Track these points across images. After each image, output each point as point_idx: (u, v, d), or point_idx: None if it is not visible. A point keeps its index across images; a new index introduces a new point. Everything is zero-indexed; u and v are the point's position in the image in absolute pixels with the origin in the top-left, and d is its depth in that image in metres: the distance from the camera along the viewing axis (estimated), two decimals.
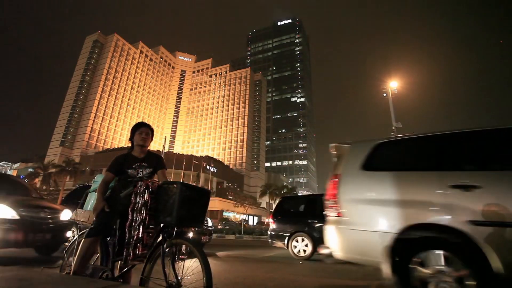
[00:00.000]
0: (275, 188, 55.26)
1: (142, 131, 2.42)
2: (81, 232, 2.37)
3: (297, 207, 7.29)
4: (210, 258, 5.91)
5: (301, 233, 6.28)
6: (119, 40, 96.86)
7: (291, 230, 6.46)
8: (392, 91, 16.24)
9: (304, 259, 6.00)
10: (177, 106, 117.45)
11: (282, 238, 6.53)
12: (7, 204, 3.91)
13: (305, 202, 7.30)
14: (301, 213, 6.96)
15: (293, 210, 7.32)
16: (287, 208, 7.40)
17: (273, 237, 6.82)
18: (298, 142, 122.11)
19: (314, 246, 6.01)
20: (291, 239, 6.34)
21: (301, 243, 6.21)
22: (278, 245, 6.68)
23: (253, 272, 4.45)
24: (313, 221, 6.33)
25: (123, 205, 2.15)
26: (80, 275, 2.10)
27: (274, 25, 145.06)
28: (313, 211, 6.68)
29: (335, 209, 2.53)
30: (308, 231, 6.22)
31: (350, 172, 2.62)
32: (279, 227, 6.82)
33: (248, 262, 5.87)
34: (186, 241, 1.92)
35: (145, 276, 1.95)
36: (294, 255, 6.20)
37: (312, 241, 6.07)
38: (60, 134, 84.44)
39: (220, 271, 4.50)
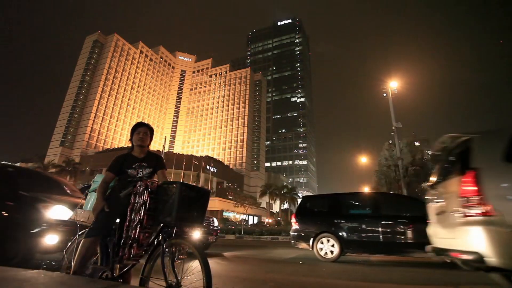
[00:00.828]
0: (275, 188, 55.24)
1: (140, 131, 2.43)
2: (80, 232, 2.37)
3: (322, 206, 7.05)
4: (218, 259, 5.70)
5: (327, 233, 5.99)
6: (119, 40, 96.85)
7: (316, 230, 6.19)
8: (392, 91, 16.25)
9: (331, 261, 5.73)
10: (177, 106, 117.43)
11: (307, 239, 6.26)
12: (65, 204, 3.89)
13: (330, 201, 6.99)
14: (326, 213, 6.69)
15: (317, 210, 7.07)
16: (311, 207, 7.16)
17: (296, 238, 6.55)
18: (298, 142, 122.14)
19: (341, 247, 5.73)
20: (316, 240, 6.07)
21: (327, 244, 5.93)
22: (302, 246, 6.43)
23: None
24: (339, 221, 6.08)
25: (123, 205, 2.15)
26: (80, 275, 2.10)
27: (274, 25, 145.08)
28: (339, 211, 6.44)
29: (480, 207, 2.24)
30: (334, 232, 5.93)
31: (493, 165, 2.34)
32: (302, 228, 6.54)
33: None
34: (185, 241, 1.93)
35: (145, 276, 1.95)
36: (320, 257, 5.91)
37: (339, 242, 5.77)
38: (60, 134, 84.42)
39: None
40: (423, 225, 5.14)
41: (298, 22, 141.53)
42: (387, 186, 19.76)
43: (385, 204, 6.26)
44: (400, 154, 16.24)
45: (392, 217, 5.69)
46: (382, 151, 21.15)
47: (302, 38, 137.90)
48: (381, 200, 6.45)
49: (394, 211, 5.99)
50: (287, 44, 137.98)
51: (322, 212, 6.84)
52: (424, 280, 4.07)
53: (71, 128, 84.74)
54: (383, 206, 6.12)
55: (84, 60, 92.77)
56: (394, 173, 19.31)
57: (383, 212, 5.94)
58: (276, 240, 16.19)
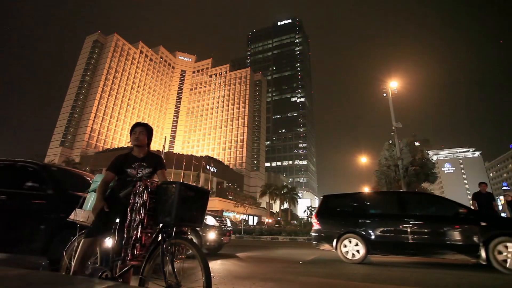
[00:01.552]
0: (275, 188, 55.24)
1: (136, 131, 2.44)
2: (80, 232, 2.37)
3: (345, 205, 6.75)
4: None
5: (352, 234, 5.72)
6: (119, 40, 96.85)
7: (339, 231, 5.92)
8: (392, 91, 16.24)
9: (356, 262, 5.49)
10: (177, 106, 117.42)
11: (329, 239, 6.00)
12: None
13: (353, 200, 6.73)
14: (349, 212, 6.41)
15: (340, 209, 6.75)
16: (333, 206, 6.83)
17: (318, 238, 6.28)
18: (298, 142, 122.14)
19: (367, 248, 5.48)
20: (340, 240, 5.81)
21: (352, 245, 5.68)
22: (325, 247, 6.19)
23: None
24: (365, 221, 5.82)
25: (123, 205, 2.15)
26: (80, 275, 2.10)
27: (274, 25, 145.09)
28: (363, 210, 6.21)
29: None
30: (359, 232, 5.66)
31: None
32: (325, 228, 6.27)
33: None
34: (185, 241, 1.93)
35: (145, 276, 1.95)
36: (345, 258, 5.66)
37: (364, 243, 5.52)
38: (60, 134, 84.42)
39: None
40: (457, 226, 5.02)
41: (298, 22, 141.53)
42: (387, 186, 19.72)
43: (414, 203, 6.03)
44: (400, 154, 16.22)
45: (424, 217, 5.46)
46: (382, 151, 21.11)
47: (302, 38, 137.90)
48: (409, 199, 6.19)
49: (424, 211, 5.77)
50: (287, 44, 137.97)
51: (346, 212, 6.56)
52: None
53: (71, 128, 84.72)
54: (411, 205, 5.90)
55: (84, 60, 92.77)
56: (394, 173, 19.27)
57: (412, 211, 5.70)
58: (276, 240, 16.17)
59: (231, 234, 7.83)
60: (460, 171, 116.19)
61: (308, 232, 16.11)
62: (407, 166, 17.96)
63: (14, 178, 3.71)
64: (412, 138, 23.22)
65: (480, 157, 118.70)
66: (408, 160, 18.51)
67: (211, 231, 6.18)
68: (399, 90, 16.35)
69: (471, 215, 5.20)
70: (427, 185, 20.34)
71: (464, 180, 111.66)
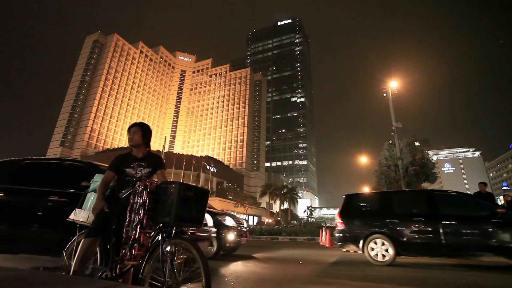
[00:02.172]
0: (275, 188, 55.26)
1: (131, 131, 2.47)
2: (80, 232, 2.37)
3: (370, 205, 6.52)
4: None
5: (379, 234, 5.49)
6: (119, 40, 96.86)
7: (366, 231, 5.70)
8: (392, 91, 16.24)
9: (385, 264, 5.25)
10: (177, 106, 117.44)
11: (355, 240, 5.78)
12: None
13: (380, 199, 6.47)
14: (376, 212, 6.13)
15: (365, 209, 6.50)
16: (358, 206, 6.57)
17: (342, 239, 6.05)
18: (298, 142, 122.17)
19: (396, 249, 5.25)
20: (367, 241, 5.58)
21: (380, 246, 5.44)
22: (350, 248, 5.98)
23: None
24: (393, 220, 5.58)
25: (123, 205, 2.15)
26: (80, 275, 2.10)
27: (274, 25, 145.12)
28: (391, 210, 5.90)
29: None
30: (387, 233, 5.43)
31: None
32: (349, 228, 6.04)
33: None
34: (185, 241, 1.93)
35: (145, 276, 1.95)
36: (372, 260, 5.44)
37: (393, 244, 5.28)
38: (60, 134, 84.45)
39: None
40: (496, 226, 4.82)
41: (298, 22, 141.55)
42: (387, 186, 19.72)
43: (445, 202, 5.78)
44: (400, 154, 16.23)
45: (458, 217, 5.23)
46: (382, 151, 21.10)
47: (302, 38, 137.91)
48: (440, 198, 5.89)
49: (457, 210, 5.52)
50: (287, 44, 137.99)
51: (372, 211, 6.28)
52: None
53: (71, 128, 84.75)
54: (443, 204, 5.66)
55: (84, 60, 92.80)
56: (394, 173, 19.27)
57: (444, 211, 5.46)
58: (276, 240, 16.16)
59: (248, 235, 7.60)
60: (460, 171, 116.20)
61: (308, 232, 16.08)
62: (407, 166, 17.96)
63: (65, 178, 3.63)
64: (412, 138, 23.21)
65: (480, 157, 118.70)
66: (408, 160, 18.51)
67: (230, 232, 6.10)
68: (399, 90, 16.35)
69: (510, 216, 5.00)
70: (427, 185, 20.34)
71: (464, 180, 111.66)
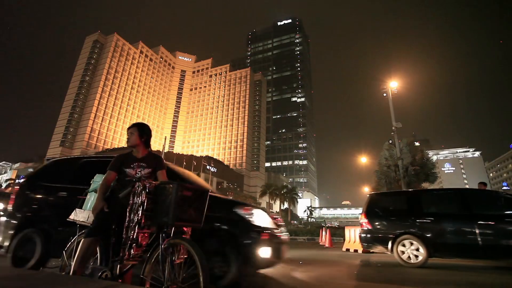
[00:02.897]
0: (275, 188, 55.25)
1: (128, 132, 2.49)
2: (80, 232, 2.37)
3: (398, 204, 6.21)
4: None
5: (409, 235, 5.29)
6: (119, 40, 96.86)
7: (395, 231, 5.48)
8: (392, 91, 16.24)
9: (416, 266, 5.05)
10: (177, 106, 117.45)
11: (383, 241, 5.56)
12: (262, 209, 3.17)
13: (409, 198, 6.17)
14: (405, 212, 5.81)
15: (393, 208, 6.19)
16: (384, 205, 6.30)
17: (369, 240, 5.81)
18: (298, 142, 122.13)
19: (428, 251, 5.06)
20: (396, 242, 5.37)
21: (410, 247, 5.24)
22: (378, 249, 5.80)
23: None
24: (424, 220, 5.36)
25: (122, 206, 2.15)
26: (80, 275, 2.11)
27: (274, 25, 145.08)
28: (422, 209, 5.65)
29: None
30: (419, 233, 5.21)
31: None
32: (377, 229, 5.81)
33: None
34: (184, 241, 1.93)
35: (145, 276, 1.95)
36: (402, 261, 5.22)
37: (424, 245, 5.08)
38: (60, 134, 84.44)
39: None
40: None
41: (298, 22, 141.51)
42: (387, 186, 19.73)
43: (480, 202, 5.52)
44: (400, 154, 16.23)
45: (495, 217, 4.98)
46: (382, 151, 21.11)
47: (302, 38, 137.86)
48: (475, 197, 5.65)
49: (493, 210, 5.26)
50: (287, 44, 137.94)
51: (400, 211, 5.96)
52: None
53: (71, 128, 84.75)
54: (477, 203, 5.42)
55: (84, 60, 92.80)
56: (394, 173, 19.28)
57: (480, 210, 5.22)
58: None
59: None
60: (460, 171, 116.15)
61: (308, 232, 16.08)
62: (407, 166, 17.97)
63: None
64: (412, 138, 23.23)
65: (480, 157, 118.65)
66: (408, 160, 18.52)
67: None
68: (399, 90, 16.35)
69: None
70: (427, 185, 20.35)
71: (464, 180, 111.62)
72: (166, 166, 2.50)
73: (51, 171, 3.82)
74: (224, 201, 3.33)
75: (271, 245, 2.97)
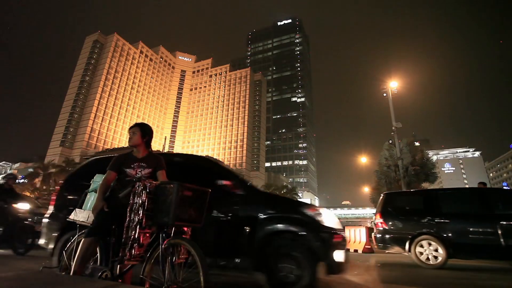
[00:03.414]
0: (275, 188, 55.21)
1: (130, 131, 2.49)
2: (80, 232, 2.37)
3: (415, 204, 6.10)
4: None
5: (428, 235, 5.17)
6: (119, 40, 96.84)
7: (413, 232, 5.36)
8: (392, 91, 16.24)
9: (435, 267, 4.94)
10: (177, 106, 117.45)
11: (400, 241, 5.45)
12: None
13: (426, 198, 6.01)
14: (423, 211, 5.68)
15: (409, 208, 6.07)
16: (400, 205, 6.15)
17: (385, 240, 5.65)
18: (298, 142, 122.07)
19: (447, 251, 4.94)
20: (414, 243, 5.26)
21: (429, 247, 5.12)
22: (394, 250, 5.65)
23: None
24: (443, 220, 5.23)
25: (122, 205, 2.15)
26: (80, 275, 2.11)
27: (274, 25, 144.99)
28: (440, 209, 5.52)
29: None
30: (438, 234, 5.09)
31: None
32: (393, 229, 5.69)
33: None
34: (184, 241, 1.93)
35: (145, 276, 1.95)
36: (420, 262, 5.13)
37: (444, 245, 4.97)
38: (60, 134, 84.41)
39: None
40: None
41: (298, 22, 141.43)
42: (387, 186, 19.74)
43: (501, 201, 5.37)
44: (400, 154, 16.23)
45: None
46: (382, 151, 21.12)
47: (302, 38, 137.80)
48: (496, 197, 5.52)
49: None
50: (287, 44, 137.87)
51: (418, 211, 5.82)
52: None
53: (71, 128, 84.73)
54: (498, 203, 5.28)
55: (84, 60, 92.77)
56: (394, 173, 19.28)
57: (501, 210, 5.10)
58: None
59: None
60: (460, 171, 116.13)
61: None
62: (407, 166, 17.97)
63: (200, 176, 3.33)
64: (412, 138, 23.25)
65: (480, 157, 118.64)
66: (408, 160, 18.53)
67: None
68: (399, 90, 16.35)
69: None
70: (427, 185, 20.36)
71: (464, 180, 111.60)
72: (165, 166, 2.49)
73: (92, 170, 3.82)
74: (288, 201, 3.39)
75: (343, 247, 2.80)
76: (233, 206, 2.93)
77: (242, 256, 2.69)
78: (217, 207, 2.90)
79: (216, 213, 2.89)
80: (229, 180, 3.04)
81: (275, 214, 2.78)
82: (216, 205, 2.88)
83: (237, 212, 2.89)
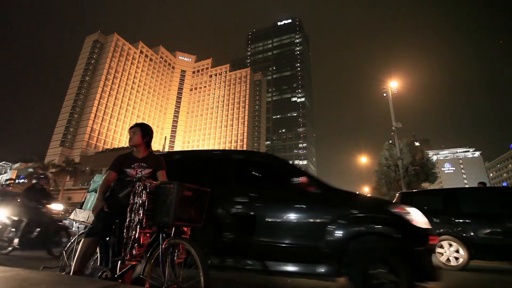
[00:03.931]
0: None
1: (131, 131, 2.49)
2: (80, 232, 2.37)
3: (434, 203, 5.91)
4: None
5: (448, 236, 5.03)
6: (119, 40, 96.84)
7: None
8: (392, 91, 16.24)
9: (456, 269, 4.81)
10: (177, 106, 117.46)
11: None
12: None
13: (445, 197, 5.88)
14: (442, 212, 5.53)
15: (427, 208, 5.77)
16: (418, 205, 5.96)
17: None
18: (298, 142, 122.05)
19: (469, 252, 4.82)
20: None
21: (449, 248, 4.99)
22: None
23: None
24: (464, 221, 5.09)
25: (122, 205, 2.15)
26: (80, 275, 2.11)
27: (274, 25, 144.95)
28: (460, 209, 5.38)
29: None
30: (459, 235, 4.95)
31: None
32: None
33: None
34: (184, 241, 1.93)
35: (145, 276, 1.95)
36: (441, 263, 5.00)
37: (465, 246, 4.83)
38: (60, 134, 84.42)
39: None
40: None
41: (298, 22, 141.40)
42: (387, 186, 19.76)
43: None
44: (400, 154, 16.24)
45: None
46: (382, 151, 21.13)
47: (302, 38, 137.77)
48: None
49: None
50: (287, 44, 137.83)
51: (437, 211, 5.64)
52: None
53: (71, 128, 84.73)
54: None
55: (84, 60, 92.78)
56: (394, 173, 19.30)
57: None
58: None
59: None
60: (460, 171, 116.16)
61: None
62: (407, 166, 17.99)
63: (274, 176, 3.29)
64: (412, 138, 23.28)
65: (480, 157, 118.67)
66: (408, 160, 18.54)
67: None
68: (399, 90, 16.35)
69: None
70: (427, 185, 20.37)
71: (464, 180, 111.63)
72: (165, 166, 2.49)
73: None
74: (372, 199, 3.35)
75: (435, 251, 2.64)
76: (310, 206, 2.71)
77: (324, 261, 2.47)
78: (292, 208, 2.74)
79: (293, 214, 2.72)
80: (304, 178, 2.82)
81: (358, 214, 2.57)
82: (291, 205, 2.74)
83: (315, 212, 2.67)
